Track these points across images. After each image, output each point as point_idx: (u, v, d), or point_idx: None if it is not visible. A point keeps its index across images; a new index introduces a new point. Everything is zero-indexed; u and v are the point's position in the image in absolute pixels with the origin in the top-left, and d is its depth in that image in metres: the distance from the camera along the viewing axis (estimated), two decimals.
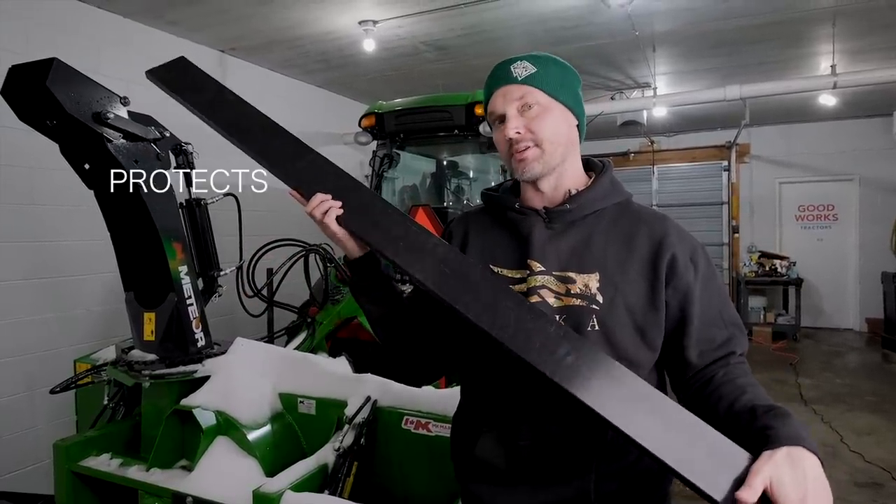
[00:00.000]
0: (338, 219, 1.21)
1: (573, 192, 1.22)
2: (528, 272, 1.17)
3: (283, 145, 1.33)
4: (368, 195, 1.28)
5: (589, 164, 1.29)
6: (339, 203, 1.22)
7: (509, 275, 1.20)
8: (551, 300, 1.15)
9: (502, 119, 1.19)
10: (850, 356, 7.27)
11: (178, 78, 1.41)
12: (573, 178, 1.24)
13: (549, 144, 1.17)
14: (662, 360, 1.19)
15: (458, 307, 1.06)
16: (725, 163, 8.86)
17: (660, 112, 6.32)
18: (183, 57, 1.53)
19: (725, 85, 5.55)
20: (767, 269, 8.43)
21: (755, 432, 0.97)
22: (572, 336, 1.04)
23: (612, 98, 6.45)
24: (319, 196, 1.22)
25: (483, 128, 3.90)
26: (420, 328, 1.30)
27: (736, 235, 8.86)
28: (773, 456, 0.88)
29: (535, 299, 1.15)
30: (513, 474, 1.16)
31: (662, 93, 6.13)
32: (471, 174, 5.44)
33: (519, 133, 1.17)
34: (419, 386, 1.36)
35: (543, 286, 1.15)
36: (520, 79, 1.17)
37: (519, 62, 1.19)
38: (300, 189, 1.26)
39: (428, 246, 1.17)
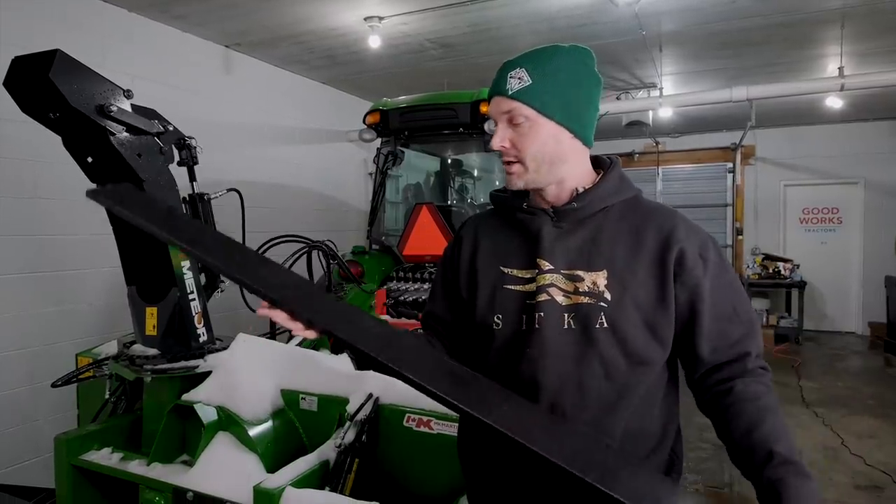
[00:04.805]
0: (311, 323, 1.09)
1: (580, 190, 1.21)
2: (536, 271, 1.17)
3: (244, 257, 1.25)
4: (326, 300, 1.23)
5: (597, 160, 1.28)
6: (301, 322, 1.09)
7: (519, 275, 1.20)
8: (560, 298, 1.14)
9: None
10: (853, 360, 7.24)
11: (125, 198, 1.35)
12: (578, 178, 1.22)
13: (532, 162, 1.16)
14: (675, 355, 1.19)
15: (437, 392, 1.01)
16: (730, 165, 8.84)
17: (665, 113, 6.30)
18: (130, 185, 1.45)
19: (732, 86, 5.52)
20: (771, 271, 8.41)
21: (767, 480, 1.00)
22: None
23: (617, 98, 6.43)
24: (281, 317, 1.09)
25: (488, 126, 3.88)
26: None
27: (739, 237, 8.84)
28: None
29: (543, 298, 1.15)
30: (522, 471, 1.15)
31: (668, 93, 6.10)
32: (475, 173, 5.43)
33: (504, 146, 1.17)
34: None
35: (552, 284, 1.15)
36: (510, 92, 1.14)
37: (516, 70, 1.15)
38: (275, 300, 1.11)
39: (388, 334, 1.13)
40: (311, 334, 1.09)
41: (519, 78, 1.14)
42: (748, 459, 1.05)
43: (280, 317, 1.05)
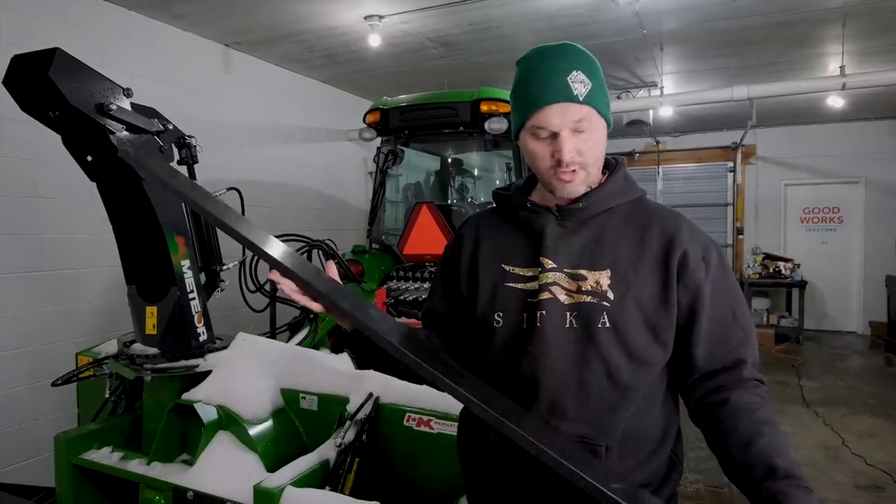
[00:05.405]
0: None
1: (586, 189, 1.20)
2: (539, 269, 1.17)
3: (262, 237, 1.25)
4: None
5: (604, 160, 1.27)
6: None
7: (521, 273, 1.19)
8: (562, 297, 1.14)
9: (553, 135, 1.11)
10: (853, 359, 7.24)
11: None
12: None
13: (593, 166, 1.16)
14: (672, 359, 1.17)
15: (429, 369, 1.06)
16: (731, 164, 8.83)
17: (666, 112, 6.29)
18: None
19: (733, 85, 5.51)
20: (771, 270, 8.40)
21: (768, 493, 0.99)
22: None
23: (618, 97, 6.42)
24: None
25: (488, 125, 3.86)
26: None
27: (740, 237, 8.84)
28: None
29: (546, 296, 1.14)
30: (521, 470, 1.14)
31: (669, 92, 6.09)
32: (475, 172, 5.43)
33: (575, 156, 1.11)
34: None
35: (555, 283, 1.15)
36: (581, 98, 1.09)
37: (575, 73, 1.09)
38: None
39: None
40: (317, 307, 1.11)
41: (582, 81, 1.10)
42: (746, 474, 1.04)
43: (288, 285, 1.08)
